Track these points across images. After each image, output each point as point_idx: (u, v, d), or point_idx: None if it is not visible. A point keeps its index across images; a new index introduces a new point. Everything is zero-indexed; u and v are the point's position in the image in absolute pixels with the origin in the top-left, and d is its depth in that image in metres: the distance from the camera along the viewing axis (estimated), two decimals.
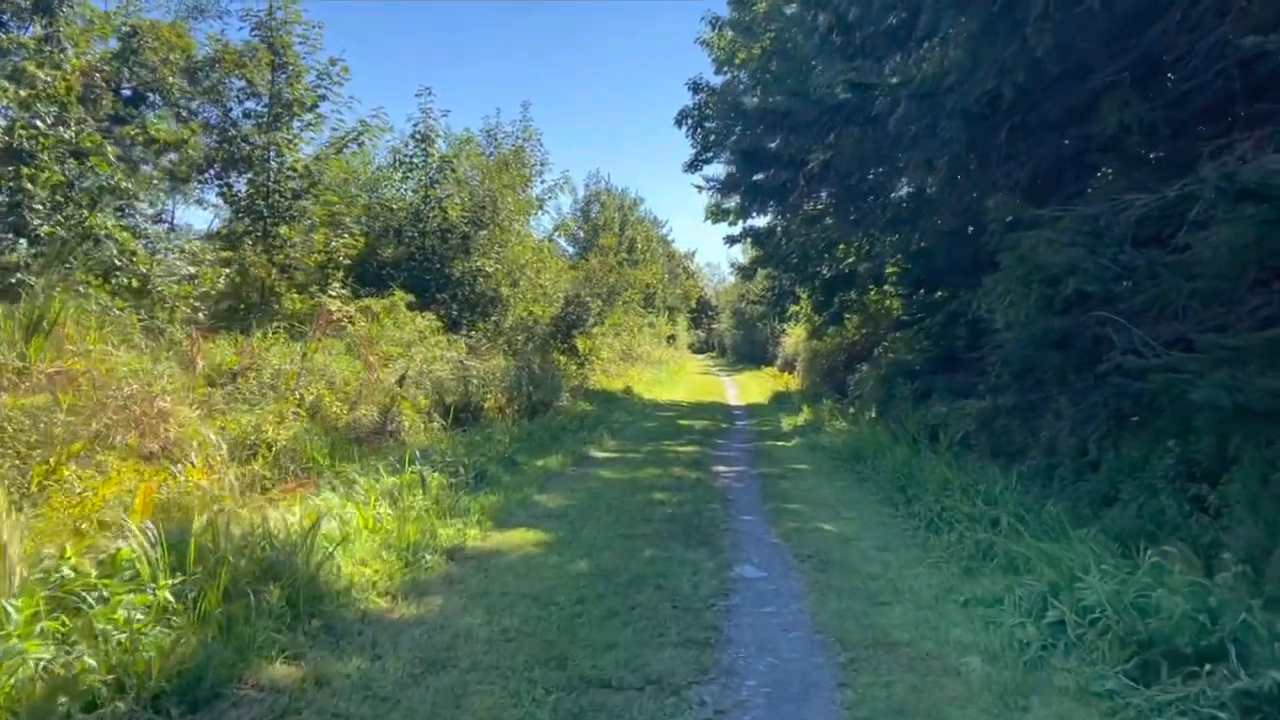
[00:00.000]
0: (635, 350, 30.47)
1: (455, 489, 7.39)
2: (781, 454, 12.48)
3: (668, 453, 11.90)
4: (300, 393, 9.76)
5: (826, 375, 23.87)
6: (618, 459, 11.09)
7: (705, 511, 7.77)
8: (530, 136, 20.87)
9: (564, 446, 11.20)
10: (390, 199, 17.39)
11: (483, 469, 8.32)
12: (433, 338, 14.65)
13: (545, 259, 19.97)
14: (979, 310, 10.07)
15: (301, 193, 13.70)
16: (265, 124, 13.53)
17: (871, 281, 20.22)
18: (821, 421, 15.99)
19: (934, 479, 8.33)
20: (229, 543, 4.40)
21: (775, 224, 21.88)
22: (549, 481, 8.87)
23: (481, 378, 12.82)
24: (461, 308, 17.61)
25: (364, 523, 5.62)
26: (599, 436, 12.84)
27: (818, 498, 8.78)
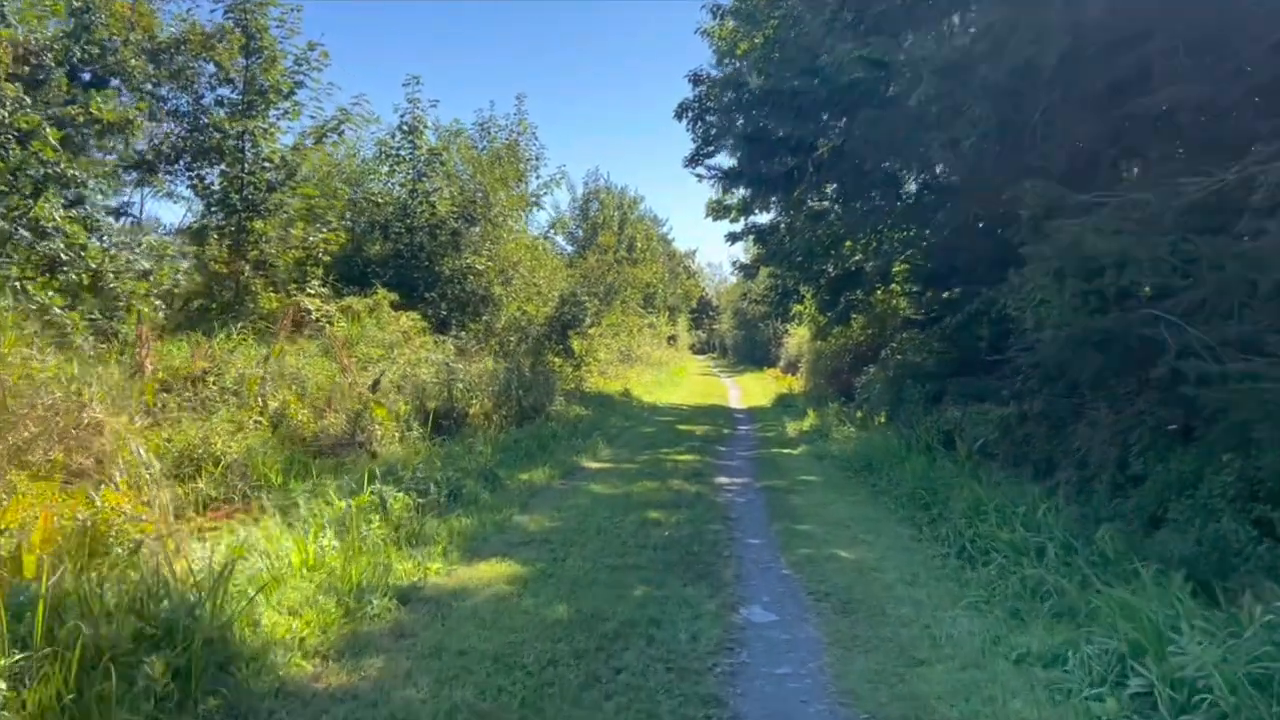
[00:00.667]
0: (635, 351, 29.57)
1: (423, 511, 6.49)
2: (788, 463, 11.59)
3: (666, 462, 11.01)
4: (263, 399, 8.88)
5: (831, 377, 22.98)
6: (612, 470, 10.20)
7: (706, 534, 6.87)
8: (525, 130, 20.01)
9: (553, 457, 10.30)
10: (376, 193, 16.49)
11: (459, 485, 7.43)
12: (418, 338, 13.79)
13: (540, 256, 19.08)
14: (1005, 308, 9.20)
15: (277, 184, 12.81)
16: (239, 111, 12.65)
17: (879, 280, 19.34)
18: (828, 427, 15.10)
19: (961, 496, 7.43)
20: (114, 594, 3.52)
21: (778, 220, 21.01)
22: (533, 499, 7.97)
23: (467, 382, 11.93)
24: (451, 307, 16.73)
25: (301, 559, 4.73)
26: (593, 444, 11.94)
27: (830, 516, 7.87)
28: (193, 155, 12.63)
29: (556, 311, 18.20)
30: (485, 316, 17.02)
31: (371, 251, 16.26)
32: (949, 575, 5.76)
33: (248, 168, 12.77)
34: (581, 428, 13.11)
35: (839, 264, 19.32)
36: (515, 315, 17.64)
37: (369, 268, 16.06)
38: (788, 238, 19.98)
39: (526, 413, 12.77)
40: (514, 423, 12.22)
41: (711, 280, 71.88)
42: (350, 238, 16.27)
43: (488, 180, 17.28)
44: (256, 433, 8.36)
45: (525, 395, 13.01)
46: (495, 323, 17.30)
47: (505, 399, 12.58)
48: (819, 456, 12.17)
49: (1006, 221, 9.50)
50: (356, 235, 16.30)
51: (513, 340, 17.24)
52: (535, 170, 20.35)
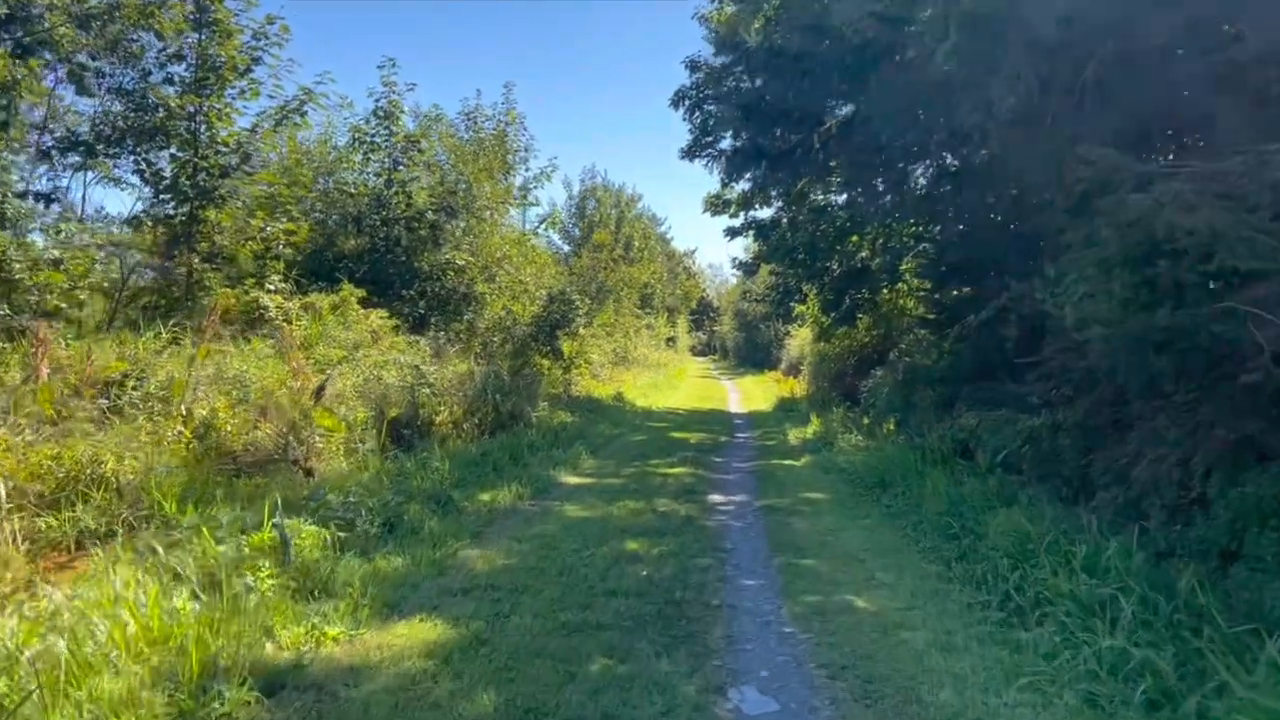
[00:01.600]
0: (631, 353, 28.34)
1: (344, 548, 5.26)
2: (790, 477, 10.33)
3: (654, 477, 9.76)
4: (188, 407, 7.67)
5: (835, 380, 21.80)
6: (591, 487, 8.96)
7: (693, 573, 5.64)
8: (514, 120, 18.79)
9: (526, 471, 9.07)
10: (349, 183, 15.28)
11: (398, 512, 6.19)
12: (389, 338, 12.57)
13: (528, 253, 17.85)
14: (1040, 304, 7.96)
15: (231, 170, 11.60)
16: (190, 89, 11.44)
17: (886, 278, 18.14)
18: (833, 435, 13.85)
19: (996, 525, 6.19)
20: None
21: (780, 215, 19.79)
22: (491, 526, 6.73)
23: (436, 386, 10.70)
24: (431, 305, 15.52)
25: (141, 630, 3.49)
26: (574, 455, 10.70)
27: (841, 546, 6.62)
28: (139, 137, 11.43)
29: (544, 311, 16.97)
30: (467, 316, 15.80)
31: (345, 246, 15.04)
32: (995, 637, 4.51)
33: (201, 151, 11.58)
34: (564, 436, 11.88)
35: (844, 261, 18.10)
36: (500, 315, 16.43)
37: (341, 263, 14.85)
38: (789, 233, 18.76)
39: (504, 420, 11.54)
40: (488, 431, 10.99)
41: (712, 281, 70.69)
42: (321, 231, 15.10)
43: (470, 170, 16.07)
44: (175, 446, 7.16)
45: (503, 401, 11.77)
46: (478, 322, 16.09)
47: (480, 405, 11.35)
48: (824, 469, 10.92)
49: (1038, 207, 8.29)
50: (329, 228, 15.11)
51: (496, 341, 16.02)
52: (524, 162, 19.16)
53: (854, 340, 20.81)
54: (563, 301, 17.16)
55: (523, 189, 19.40)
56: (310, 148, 15.36)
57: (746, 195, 20.47)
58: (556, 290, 17.20)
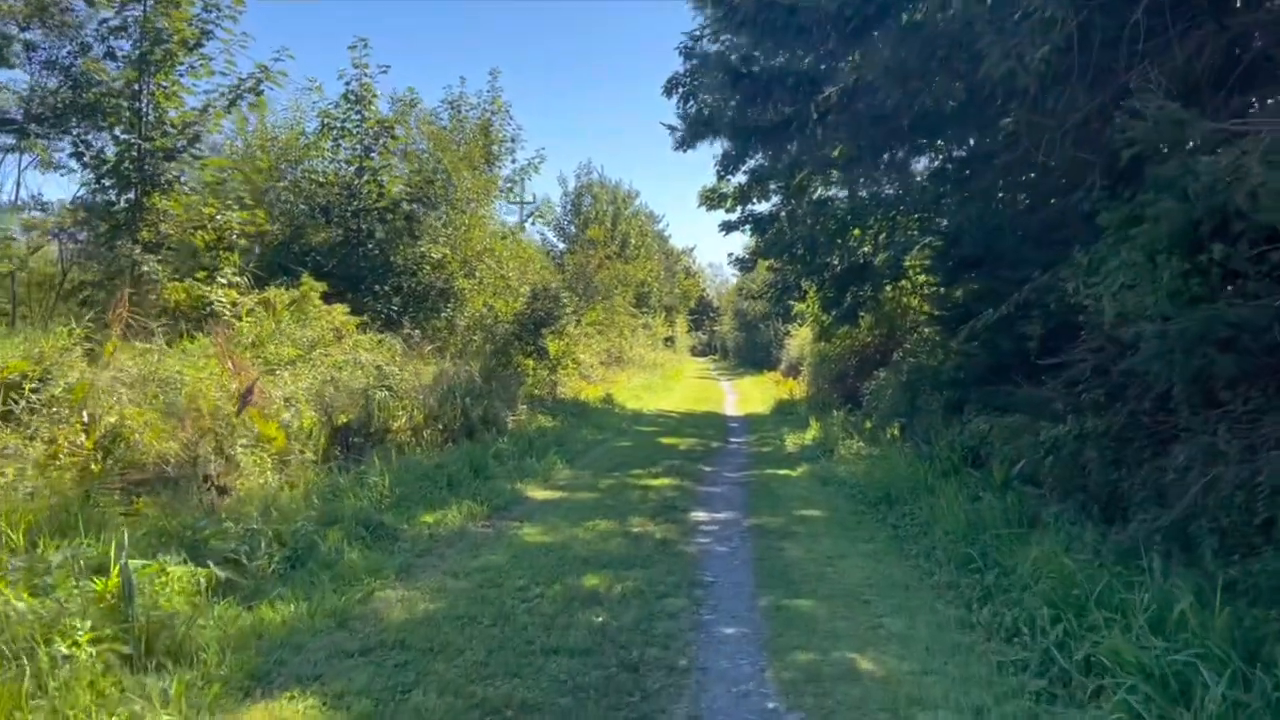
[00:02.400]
0: (626, 353, 27.31)
1: (226, 592, 4.22)
2: (785, 490, 9.27)
3: (634, 490, 8.72)
4: (91, 415, 6.64)
5: (836, 382, 20.79)
6: (560, 503, 7.92)
7: (659, 619, 4.59)
8: (499, 109, 17.79)
9: (488, 485, 8.03)
10: (317, 172, 14.27)
11: (311, 542, 5.14)
12: (352, 337, 11.55)
13: (512, 247, 16.81)
14: (1070, 298, 6.93)
15: (178, 152, 10.58)
16: (135, 65, 10.43)
17: (889, 275, 17.10)
18: (833, 441, 12.81)
19: (1028, 559, 5.15)
20: None
21: (778, 209, 18.74)
22: (428, 556, 5.68)
23: (397, 389, 9.67)
24: (406, 302, 14.50)
25: None
26: (548, 465, 9.66)
27: (840, 580, 5.57)
28: (78, 117, 10.42)
29: (528, 308, 15.93)
30: (445, 313, 14.77)
31: (314, 238, 14.03)
32: (1039, 718, 3.46)
33: (146, 133, 10.56)
34: (540, 443, 10.83)
35: (845, 256, 17.06)
36: (481, 312, 15.40)
37: (309, 256, 13.84)
38: (788, 226, 17.72)
39: (473, 426, 10.49)
40: (453, 438, 9.95)
41: (712, 281, 69.62)
42: (289, 222, 14.09)
43: (449, 159, 15.03)
44: (71, 459, 6.15)
45: (473, 404, 10.73)
46: (457, 320, 15.07)
47: (448, 409, 10.31)
48: (823, 480, 9.86)
49: (1067, 185, 7.22)
50: (296, 219, 14.09)
51: (476, 340, 14.99)
52: (511, 153, 18.15)
53: (855, 340, 19.82)
54: (548, 298, 16.12)
55: (509, 181, 18.42)
56: (278, 134, 14.35)
57: (743, 188, 19.43)
58: (541, 286, 16.15)
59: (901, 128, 7.20)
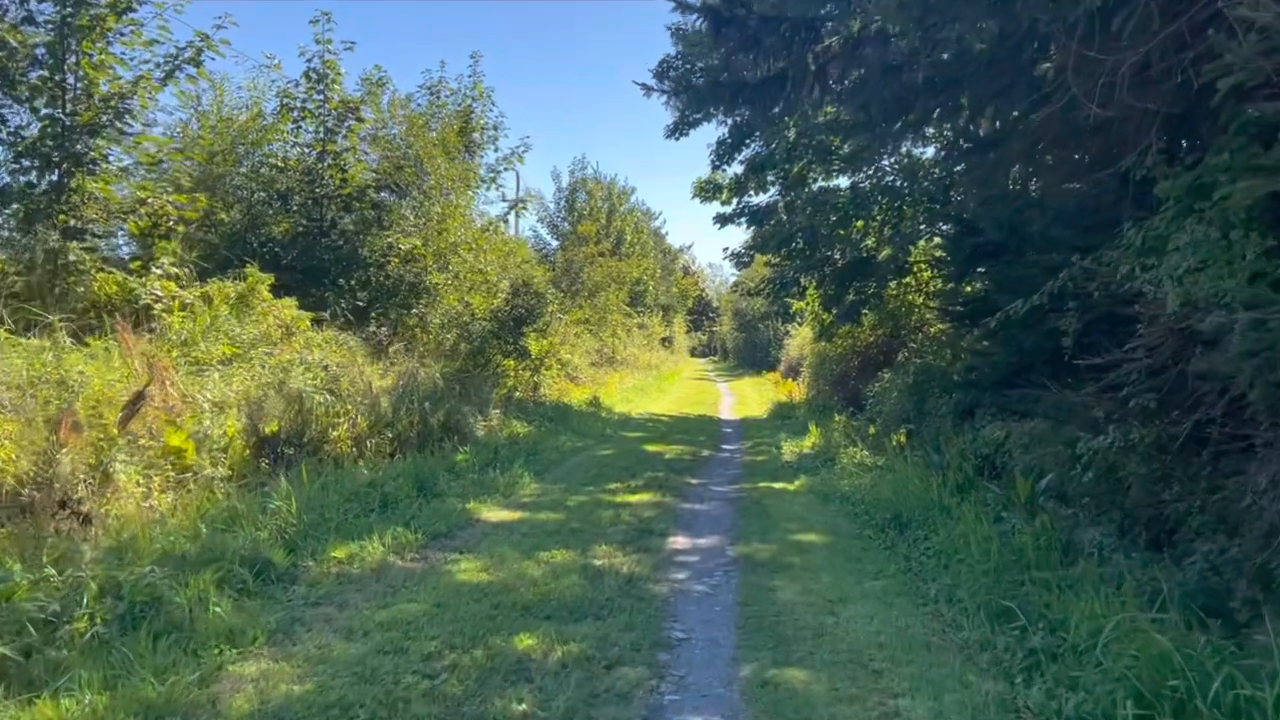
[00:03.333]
0: (619, 353, 26.12)
1: None
2: (780, 508, 8.06)
3: (606, 509, 7.52)
4: None
5: (836, 383, 19.66)
6: (516, 526, 6.72)
7: (605, 702, 3.41)
8: (481, 95, 16.59)
9: (432, 506, 6.85)
10: (276, 156, 13.10)
11: (152, 595, 3.94)
12: (304, 334, 10.40)
13: (491, 239, 15.62)
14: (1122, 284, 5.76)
15: (106, 126, 9.41)
16: (56, 28, 9.26)
17: (893, 271, 15.95)
18: (834, 449, 11.63)
19: (1087, 616, 3.96)
20: None
21: (776, 200, 17.57)
22: (321, 606, 4.48)
23: (339, 393, 8.49)
24: (373, 297, 13.33)
25: None
26: (512, 479, 8.47)
27: (845, 637, 4.37)
28: None
29: (507, 304, 14.75)
30: (416, 309, 13.59)
31: (273, 228, 12.86)
32: None
33: (71, 107, 9.41)
34: (507, 452, 9.65)
35: (847, 250, 15.88)
36: (456, 308, 14.22)
37: (266, 247, 12.68)
38: (786, 218, 16.55)
39: (433, 433, 9.31)
40: (408, 447, 8.77)
41: (712, 281, 68.44)
42: (246, 211, 12.92)
43: (421, 143, 13.86)
44: None
45: (434, 409, 9.54)
46: (431, 317, 13.90)
47: (404, 415, 9.13)
48: (823, 496, 8.66)
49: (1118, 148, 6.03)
50: (254, 207, 12.93)
51: (450, 338, 13.82)
52: (493, 141, 16.95)
53: (857, 340, 18.68)
54: (529, 294, 14.93)
55: (492, 170, 17.21)
56: (234, 115, 13.18)
57: (740, 179, 18.28)
58: (521, 281, 14.96)
59: (915, 83, 6.01)
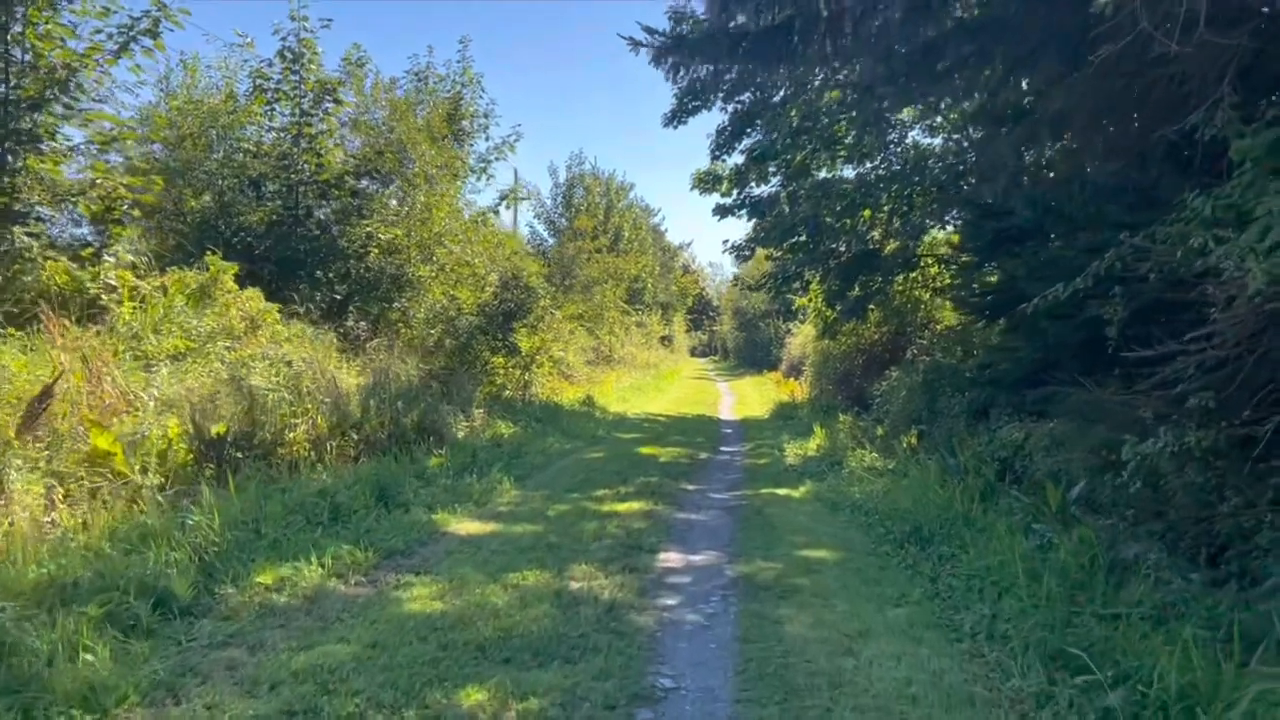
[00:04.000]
0: (617, 351, 25.29)
1: None
2: (785, 518, 7.22)
3: (591, 519, 6.70)
4: None
5: (840, 382, 18.86)
6: (487, 541, 5.90)
7: None
8: (471, 81, 15.84)
9: (393, 518, 6.02)
10: (248, 140, 12.29)
11: (5, 640, 3.12)
12: (270, 327, 9.60)
13: (479, 230, 14.79)
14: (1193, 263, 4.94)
15: (48, 102, 8.61)
16: None
17: (899, 265, 15.13)
18: (841, 451, 10.81)
19: (1170, 667, 3.13)
20: None
21: (777, 191, 16.74)
22: (229, 648, 3.64)
23: (299, 391, 7.67)
24: (353, 289, 12.54)
25: None
26: (490, 485, 7.65)
27: (869, 687, 3.53)
28: None
29: (496, 298, 13.93)
30: (398, 304, 12.78)
31: (246, 217, 12.04)
32: None
33: (14, 80, 8.62)
34: (487, 456, 8.83)
35: (854, 241, 15.03)
36: (442, 302, 13.41)
37: (239, 237, 11.88)
38: (789, 209, 15.72)
39: (405, 435, 8.48)
40: (377, 450, 7.94)
41: (713, 281, 67.61)
42: (217, 199, 12.11)
43: (404, 128, 13.04)
44: None
45: (407, 409, 8.73)
46: (415, 312, 13.09)
47: (373, 415, 8.31)
48: (832, 504, 7.83)
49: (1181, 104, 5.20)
50: (225, 195, 12.11)
51: (434, 334, 13.00)
52: (484, 129, 16.16)
53: (861, 337, 17.88)
54: (518, 288, 14.11)
55: (482, 160, 16.40)
56: (206, 96, 12.36)
57: (740, 170, 17.45)
58: (510, 274, 14.14)
59: (945, 29, 5.18)
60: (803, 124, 13.74)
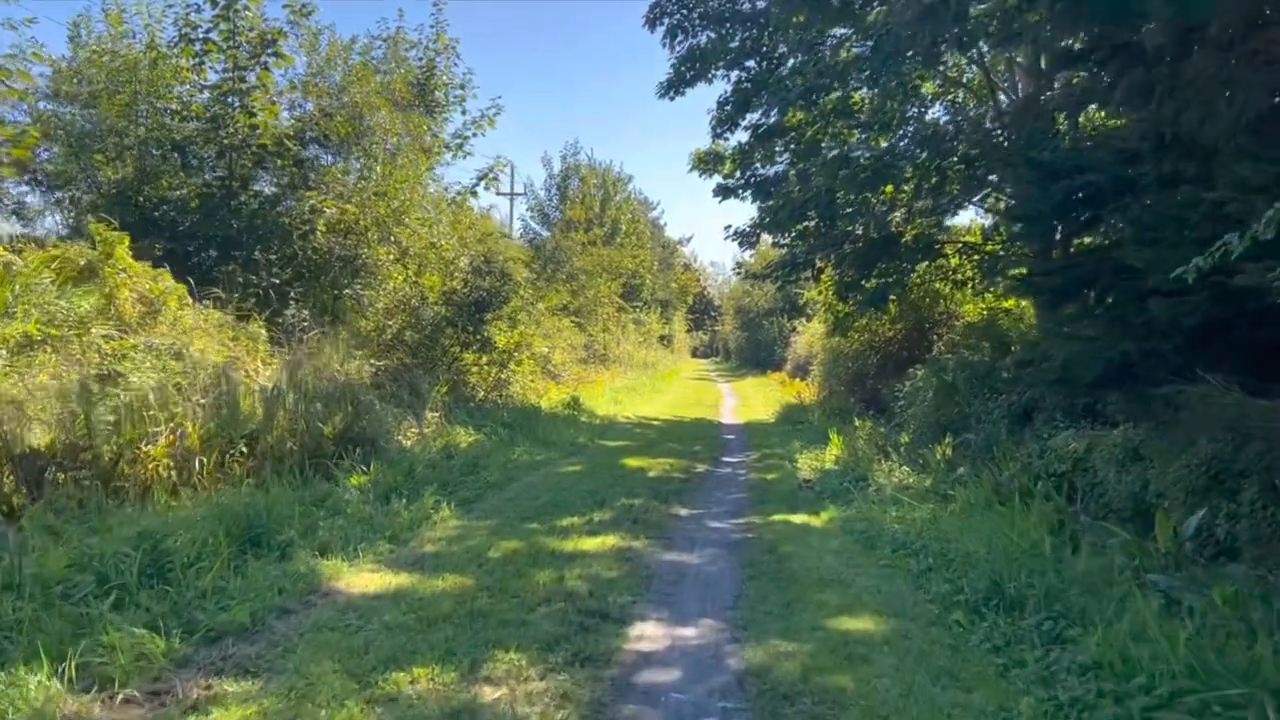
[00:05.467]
0: (611, 350, 23.43)
1: None
2: (807, 564, 5.31)
3: (545, 565, 4.85)
4: None
5: (853, 383, 17.04)
6: (386, 604, 4.05)
7: None
8: (445, 47, 14.01)
9: (251, 571, 4.17)
10: (172, 97, 10.47)
11: None
12: (174, 310, 7.79)
13: (450, 210, 12.96)
14: None
15: None
16: None
17: (921, 252, 13.27)
18: (863, 463, 8.97)
19: None
20: None
21: (787, 169, 14.89)
22: None
23: (181, 390, 5.83)
24: (299, 274, 10.72)
25: None
26: (419, 514, 5.81)
27: None
28: None
29: (466, 285, 12.09)
30: (349, 291, 10.93)
31: (168, 188, 10.24)
32: None
33: None
34: (428, 473, 6.97)
35: (873, 223, 13.15)
36: (405, 290, 11.59)
37: (160, 211, 10.08)
38: (798, 188, 13.85)
39: (322, 447, 6.64)
40: (283, 467, 6.09)
41: (714, 280, 65.72)
42: (137, 167, 10.30)
43: (358, 89, 11.22)
44: None
45: (329, 413, 6.89)
46: (372, 300, 11.25)
47: (281, 420, 6.47)
48: (866, 539, 5.94)
49: None
50: (144, 161, 10.30)
51: (392, 326, 11.17)
52: (460, 102, 14.33)
53: (875, 334, 16.06)
54: (492, 274, 12.27)
55: (458, 136, 14.56)
56: (124, 48, 10.52)
57: (744, 149, 15.59)
58: (481, 257, 12.29)
59: None
60: (818, 80, 11.90)
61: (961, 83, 13.58)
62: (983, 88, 12.80)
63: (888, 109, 12.09)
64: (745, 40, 14.56)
